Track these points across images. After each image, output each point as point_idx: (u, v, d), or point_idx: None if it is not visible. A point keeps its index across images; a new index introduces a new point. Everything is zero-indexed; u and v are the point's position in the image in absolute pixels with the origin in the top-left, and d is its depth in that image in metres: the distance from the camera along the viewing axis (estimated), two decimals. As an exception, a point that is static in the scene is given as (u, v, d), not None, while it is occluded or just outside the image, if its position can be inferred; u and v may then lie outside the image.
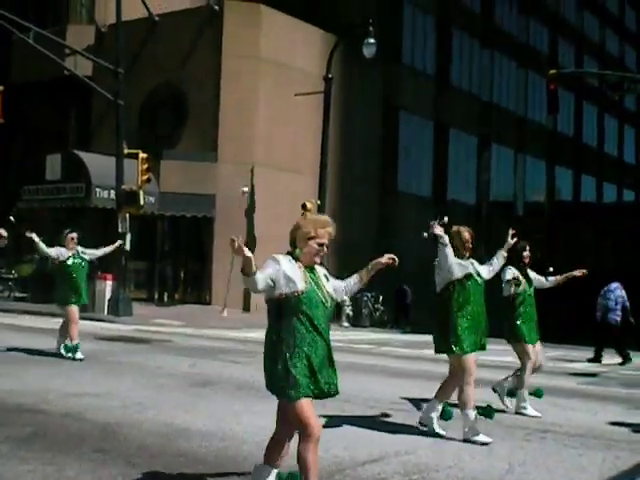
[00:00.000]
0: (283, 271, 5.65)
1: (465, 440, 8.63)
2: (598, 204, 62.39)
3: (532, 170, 53.13)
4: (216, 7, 32.11)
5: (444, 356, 9.11)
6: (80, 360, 14.17)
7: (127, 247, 26.38)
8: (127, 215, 26.41)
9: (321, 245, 5.79)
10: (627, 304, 21.00)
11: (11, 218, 25.94)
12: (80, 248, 14.84)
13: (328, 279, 5.99)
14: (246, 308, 30.98)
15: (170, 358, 14.54)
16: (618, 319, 20.63)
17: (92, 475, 6.63)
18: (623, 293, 20.93)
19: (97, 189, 29.85)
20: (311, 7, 35.76)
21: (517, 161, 51.51)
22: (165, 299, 31.37)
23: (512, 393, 10.86)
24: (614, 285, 20.93)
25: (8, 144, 37.91)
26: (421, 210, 40.64)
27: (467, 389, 8.80)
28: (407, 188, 40.51)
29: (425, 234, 9.37)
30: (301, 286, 5.66)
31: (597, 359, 20.47)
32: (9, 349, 15.22)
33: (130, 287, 28.71)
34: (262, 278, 5.58)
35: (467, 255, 9.15)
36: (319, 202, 29.13)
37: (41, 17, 35.36)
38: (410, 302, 33.49)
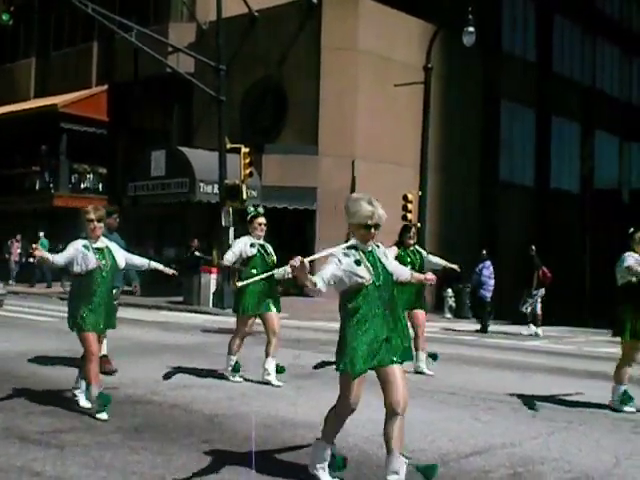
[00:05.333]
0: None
1: None
2: None
3: (638, 156, 51.93)
4: (314, 0, 32.20)
5: (548, 347, 9.03)
6: None
7: (230, 241, 26.73)
8: (230, 209, 26.74)
9: None
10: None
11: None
12: None
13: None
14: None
15: (274, 350, 14.64)
16: (489, 295, 23.63)
17: (199, 465, 6.76)
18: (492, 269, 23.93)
19: (201, 184, 30.25)
20: (409, -3, 35.48)
21: (622, 148, 50.40)
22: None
23: None
24: (488, 263, 23.85)
25: (113, 141, 38.78)
26: (523, 199, 40.15)
27: None
28: (509, 177, 39.98)
29: None
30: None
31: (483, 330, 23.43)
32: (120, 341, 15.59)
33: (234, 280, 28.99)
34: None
35: None
36: (420, 193, 29.02)
37: (143, 16, 36.03)
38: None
